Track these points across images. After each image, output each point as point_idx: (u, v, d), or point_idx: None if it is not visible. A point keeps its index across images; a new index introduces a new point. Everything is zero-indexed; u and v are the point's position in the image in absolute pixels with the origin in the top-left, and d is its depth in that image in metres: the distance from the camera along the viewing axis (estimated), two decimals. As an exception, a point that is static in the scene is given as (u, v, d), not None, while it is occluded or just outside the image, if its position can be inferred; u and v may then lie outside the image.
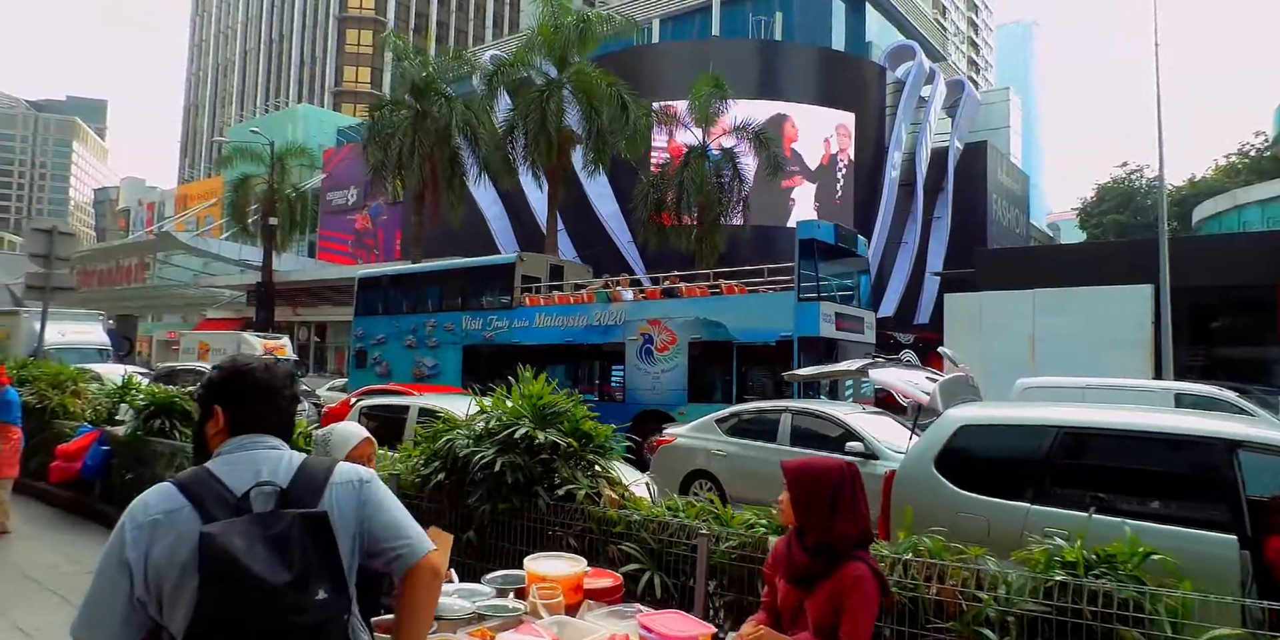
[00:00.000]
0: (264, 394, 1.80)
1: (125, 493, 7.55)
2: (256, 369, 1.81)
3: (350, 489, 1.76)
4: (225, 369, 1.82)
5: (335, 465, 1.79)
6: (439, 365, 15.92)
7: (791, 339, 11.74)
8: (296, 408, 1.91)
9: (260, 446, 1.75)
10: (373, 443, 2.82)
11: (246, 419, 1.77)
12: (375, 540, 1.75)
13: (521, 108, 24.34)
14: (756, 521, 3.96)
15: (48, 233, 10.52)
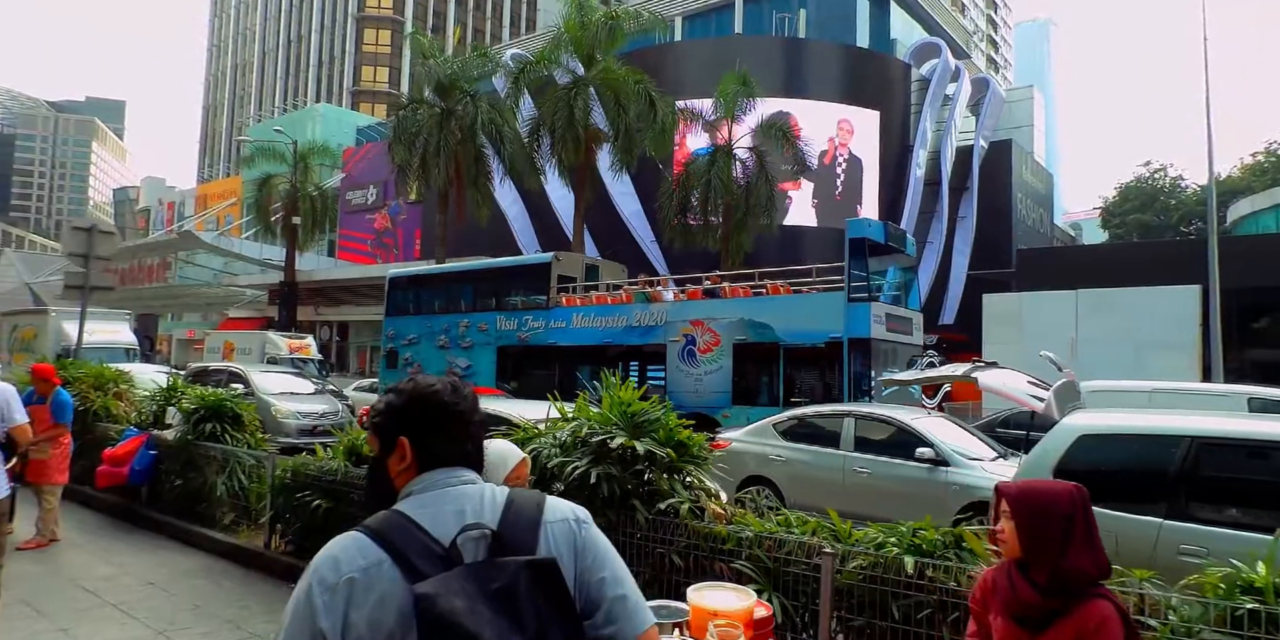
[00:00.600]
0: (454, 420, 1.51)
1: (174, 499, 7.34)
2: (443, 391, 1.52)
3: (567, 530, 1.47)
4: (406, 392, 1.52)
5: (544, 499, 1.50)
6: (473, 366, 15.68)
7: (841, 340, 11.43)
8: (485, 433, 1.62)
9: (457, 481, 1.46)
10: (528, 463, 2.51)
11: (437, 450, 1.49)
12: (592, 599, 1.43)
13: (549, 105, 24.10)
14: (886, 540, 3.66)
15: (87, 231, 10.32)
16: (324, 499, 5.76)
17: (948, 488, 7.61)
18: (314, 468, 5.99)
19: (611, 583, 1.45)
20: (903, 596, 3.49)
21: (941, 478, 7.65)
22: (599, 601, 1.43)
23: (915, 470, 7.76)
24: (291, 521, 6.09)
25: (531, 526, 1.43)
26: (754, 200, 25.42)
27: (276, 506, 6.18)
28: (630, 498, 4.32)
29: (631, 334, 13.59)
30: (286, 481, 6.16)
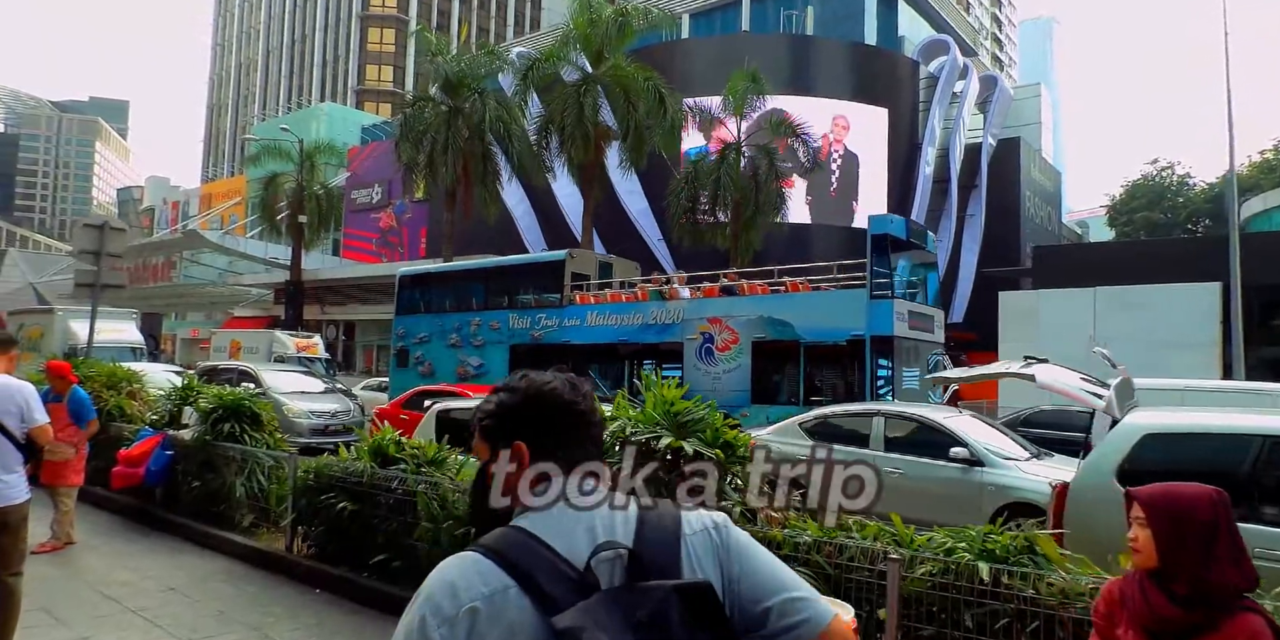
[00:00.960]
0: (576, 421, 1.32)
1: (191, 501, 7.16)
2: (561, 390, 1.32)
3: (707, 540, 1.27)
4: (521, 390, 1.33)
5: (679, 512, 1.31)
6: (485, 365, 15.51)
7: (864, 338, 11.24)
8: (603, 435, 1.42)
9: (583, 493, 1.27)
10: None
11: (560, 457, 1.29)
12: (751, 602, 1.24)
13: (558, 103, 23.93)
14: (955, 545, 3.48)
15: (99, 228, 10.15)
16: (349, 501, 5.58)
17: (983, 488, 7.43)
18: (338, 469, 5.81)
19: (771, 579, 1.26)
20: (976, 605, 3.30)
21: (977, 478, 7.47)
22: (762, 600, 1.24)
23: (949, 470, 7.57)
24: (314, 524, 5.91)
25: (670, 543, 1.23)
26: (764, 197, 25.26)
27: (299, 509, 6.00)
28: (677, 500, 4.13)
29: (647, 332, 13.41)
30: (309, 483, 5.98)
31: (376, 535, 5.47)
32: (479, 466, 1.35)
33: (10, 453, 3.89)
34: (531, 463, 1.27)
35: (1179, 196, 60.46)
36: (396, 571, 5.27)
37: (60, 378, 6.34)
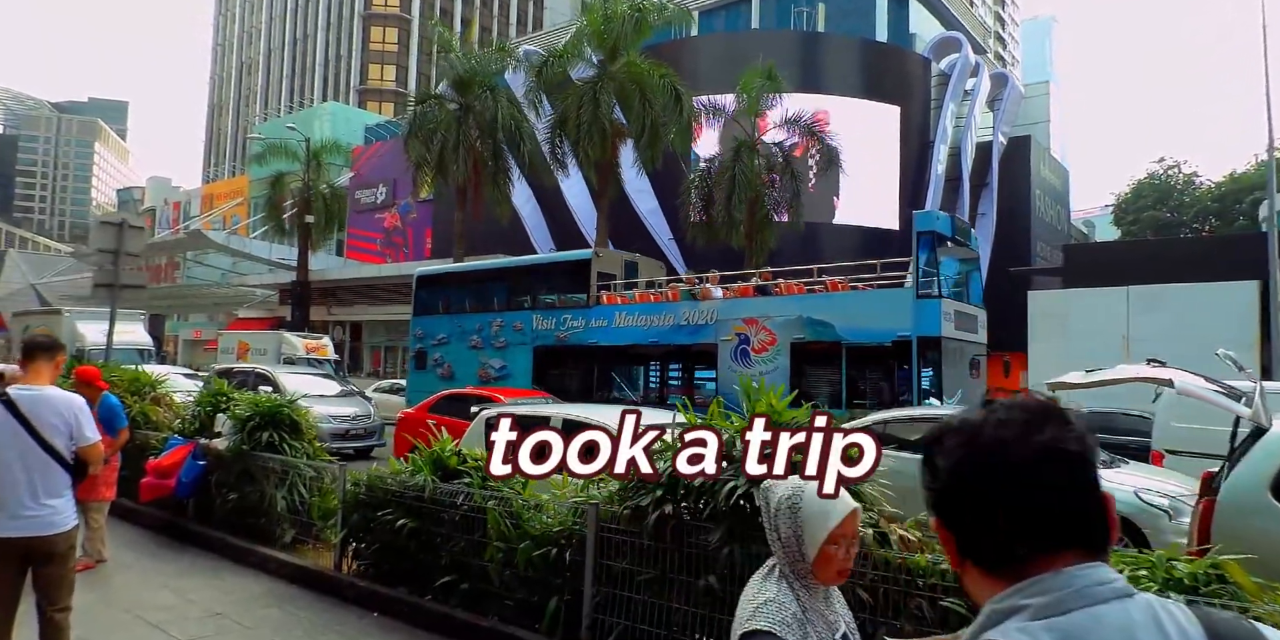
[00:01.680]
0: (1077, 475, 0.89)
1: (227, 514, 6.74)
2: (1059, 434, 0.90)
3: None
4: (990, 439, 0.90)
5: (1255, 626, 0.88)
6: (507, 367, 15.09)
7: (910, 339, 10.84)
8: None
9: (1109, 591, 0.85)
10: (859, 515, 1.82)
11: (1051, 527, 0.88)
12: None
13: (573, 100, 23.54)
14: (1134, 573, 3.07)
15: (117, 226, 9.72)
16: (408, 518, 5.17)
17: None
18: (394, 482, 5.40)
19: None
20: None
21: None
22: None
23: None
24: (367, 541, 5.49)
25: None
26: (780, 196, 24.93)
27: (351, 524, 5.58)
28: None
29: (679, 333, 12.99)
30: (360, 497, 5.57)
31: (439, 555, 5.06)
32: (945, 531, 0.93)
33: (57, 475, 3.49)
34: (1011, 533, 0.86)
35: (1185, 195, 60.11)
36: (464, 594, 4.86)
37: (89, 384, 5.93)
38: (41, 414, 3.43)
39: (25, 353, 3.65)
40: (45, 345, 3.68)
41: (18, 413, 3.39)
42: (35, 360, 3.65)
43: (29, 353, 3.65)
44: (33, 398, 3.46)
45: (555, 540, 4.54)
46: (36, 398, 3.48)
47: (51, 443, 3.45)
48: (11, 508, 3.35)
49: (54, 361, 3.74)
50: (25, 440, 3.38)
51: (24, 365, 3.66)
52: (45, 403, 3.49)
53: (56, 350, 3.76)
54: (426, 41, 69.20)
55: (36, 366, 3.63)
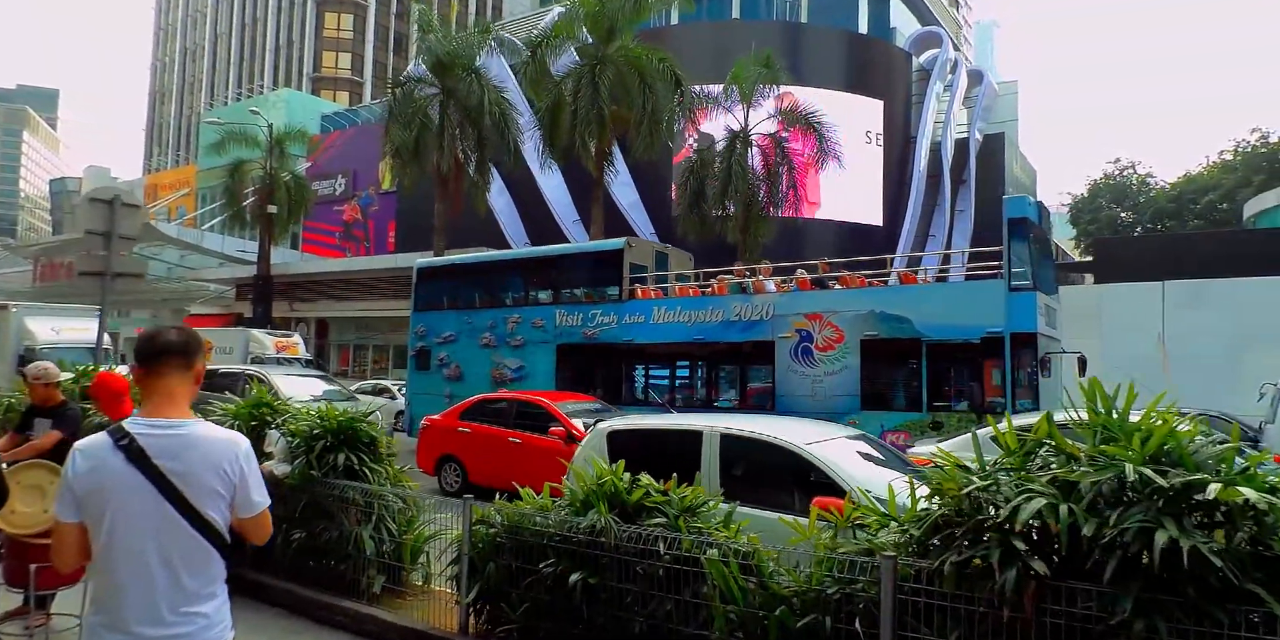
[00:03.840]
0: None
1: (292, 557, 5.37)
2: None
3: None
4: None
5: None
6: (525, 367, 13.76)
7: (1002, 336, 9.86)
8: None
9: None
10: None
11: None
12: None
13: (570, 84, 22.23)
14: None
15: (108, 204, 8.17)
16: (582, 571, 3.93)
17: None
18: (552, 523, 4.13)
19: None
20: None
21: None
22: None
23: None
24: (513, 600, 4.22)
25: None
26: (774, 189, 24.10)
27: (487, 576, 4.30)
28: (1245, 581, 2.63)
29: (730, 330, 11.84)
30: (499, 540, 4.30)
31: (630, 620, 3.82)
32: None
33: (208, 559, 2.14)
34: None
35: (1141, 196, 61.23)
36: (677, 678, 3.64)
37: (114, 397, 4.51)
38: (192, 469, 2.10)
39: (145, 358, 2.17)
40: (178, 346, 2.20)
41: (152, 468, 2.05)
42: (164, 372, 2.18)
43: (152, 358, 2.17)
44: (176, 442, 2.10)
45: (825, 604, 3.36)
46: (181, 442, 2.11)
47: (206, 515, 2.11)
48: (142, 623, 2.03)
49: (193, 373, 2.25)
50: (166, 512, 2.06)
51: (144, 380, 2.18)
52: (195, 449, 2.12)
53: (195, 355, 2.26)
54: (383, 29, 66.94)
55: (166, 383, 2.17)
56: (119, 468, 2.03)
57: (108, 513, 2.02)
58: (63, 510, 2.07)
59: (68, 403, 5.08)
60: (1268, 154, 52.46)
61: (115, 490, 2.03)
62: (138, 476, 2.03)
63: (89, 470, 2.04)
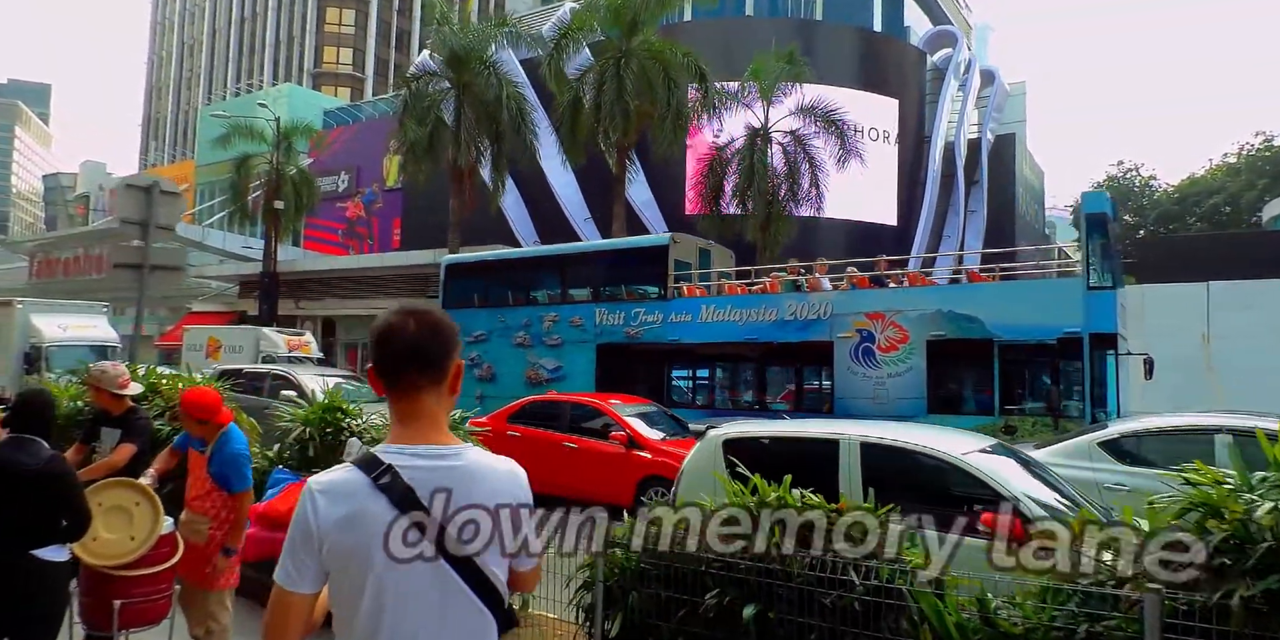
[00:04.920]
0: None
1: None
2: None
3: None
4: None
5: None
6: (562, 368, 13.22)
7: (1080, 336, 9.39)
8: None
9: None
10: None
11: None
12: None
13: (593, 78, 21.73)
14: None
15: (145, 191, 7.60)
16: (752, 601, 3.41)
17: None
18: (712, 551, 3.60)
19: None
20: None
21: None
22: None
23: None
24: (663, 633, 3.70)
25: None
26: (794, 187, 23.75)
27: (631, 607, 3.78)
28: None
29: (785, 330, 11.34)
30: (639, 565, 3.78)
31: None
32: None
33: (480, 624, 1.56)
34: None
35: (1144, 198, 61.13)
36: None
37: (207, 413, 3.95)
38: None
39: (391, 367, 1.58)
40: (434, 350, 1.59)
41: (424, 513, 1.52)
42: (421, 385, 1.60)
43: (399, 367, 1.58)
44: (452, 477, 1.55)
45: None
46: (459, 475, 1.55)
47: (490, 575, 1.56)
48: None
49: (444, 385, 1.63)
50: (445, 576, 1.52)
51: (400, 398, 1.59)
52: (478, 486, 1.56)
53: (452, 354, 1.64)
54: (385, 25, 66.27)
55: (423, 400, 1.60)
56: (383, 516, 1.48)
57: (369, 581, 1.47)
58: (295, 577, 1.52)
59: (137, 409, 4.51)
60: (1272, 157, 52.34)
61: (381, 549, 1.48)
62: (415, 533, 1.50)
63: (344, 521, 1.48)
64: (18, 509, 2.87)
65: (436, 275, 29.95)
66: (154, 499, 3.58)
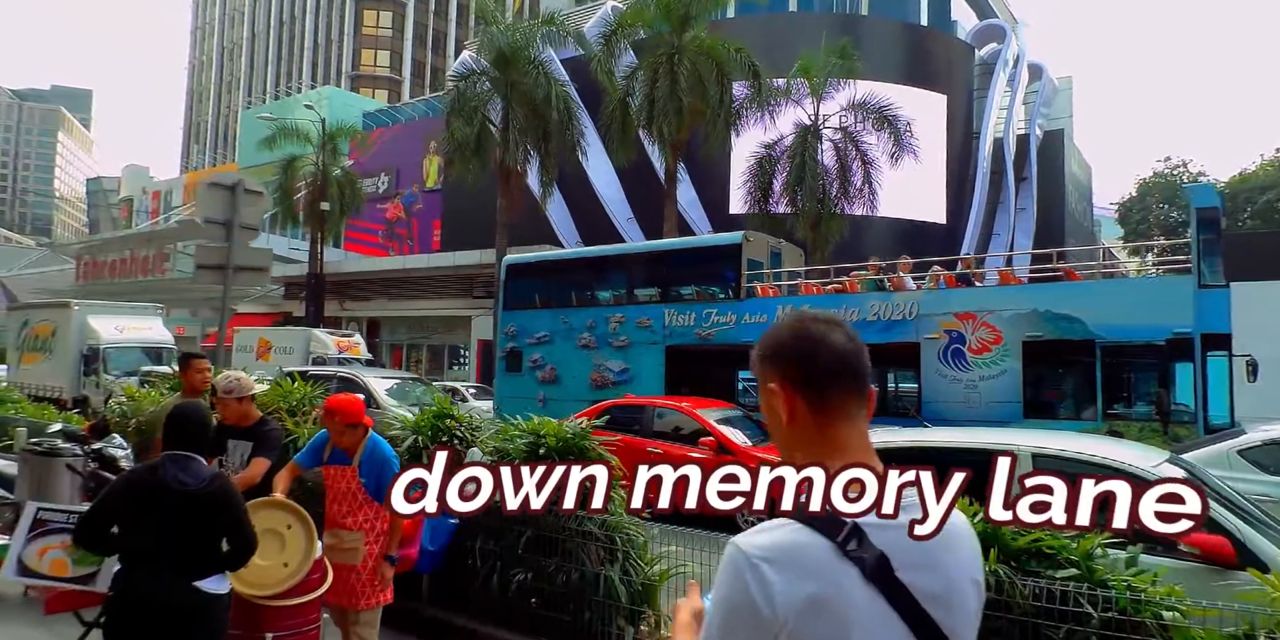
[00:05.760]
0: None
1: (510, 602, 4.50)
2: None
3: None
4: None
5: None
6: (629, 370, 12.88)
7: (1191, 337, 8.88)
8: None
9: None
10: None
11: None
12: None
13: (646, 73, 21.39)
14: None
15: (229, 190, 7.39)
16: None
17: None
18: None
19: None
20: None
21: None
22: None
23: None
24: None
25: None
26: (845, 185, 23.31)
27: None
28: None
29: (867, 331, 10.89)
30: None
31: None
32: None
33: None
34: None
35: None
36: None
37: (356, 416, 3.68)
38: (954, 589, 1.16)
39: (824, 382, 1.22)
40: (863, 363, 1.26)
41: (905, 596, 1.10)
42: (856, 405, 1.24)
43: (834, 382, 1.23)
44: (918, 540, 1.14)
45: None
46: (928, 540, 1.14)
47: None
48: None
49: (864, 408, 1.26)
50: None
51: (833, 420, 1.22)
52: (954, 551, 1.18)
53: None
54: (422, 27, 66.53)
55: (856, 423, 1.24)
56: (861, 597, 1.09)
57: None
58: None
59: (268, 419, 4.23)
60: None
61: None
62: (886, 613, 1.10)
63: (812, 604, 1.07)
64: (181, 535, 2.58)
65: (482, 276, 29.96)
66: (307, 520, 3.29)
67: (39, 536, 3.11)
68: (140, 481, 2.67)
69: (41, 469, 4.49)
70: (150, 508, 2.60)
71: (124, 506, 2.64)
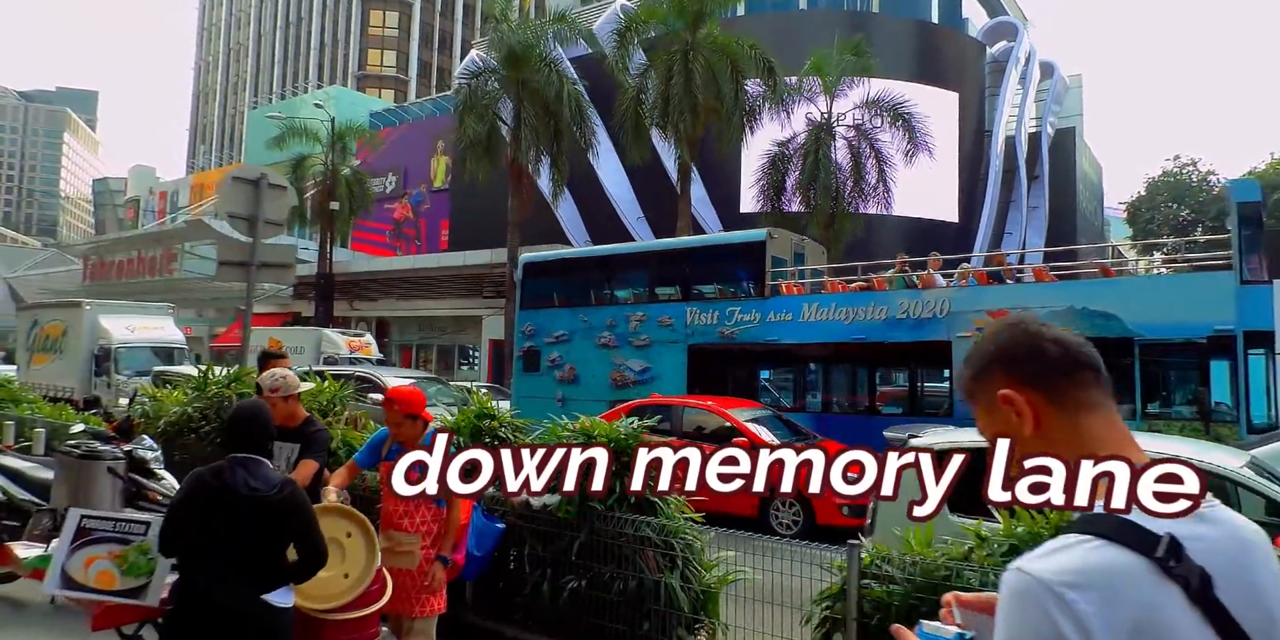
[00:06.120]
0: None
1: (560, 609, 4.31)
2: None
3: None
4: None
5: None
6: (650, 369, 12.69)
7: (1233, 335, 8.67)
8: None
9: None
10: None
11: None
12: None
13: (660, 70, 21.22)
14: None
15: (253, 184, 7.20)
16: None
17: None
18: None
19: None
20: None
21: None
22: None
23: None
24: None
25: None
26: (859, 183, 23.18)
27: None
28: None
29: (897, 329, 10.70)
30: (911, 601, 3.23)
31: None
32: None
33: None
34: None
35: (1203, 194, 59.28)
36: None
37: (418, 407, 3.52)
38: (1275, 612, 0.97)
39: (1064, 371, 1.10)
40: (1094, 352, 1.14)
41: (1226, 618, 0.91)
42: (1102, 392, 1.11)
43: (1075, 369, 1.10)
44: (1234, 551, 0.99)
45: None
46: (1237, 550, 0.99)
47: None
48: None
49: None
50: None
51: (1088, 410, 1.08)
52: (1259, 572, 0.98)
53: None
54: (428, 27, 66.41)
55: (1113, 413, 1.11)
56: (1183, 624, 0.91)
57: None
58: None
59: (314, 420, 4.05)
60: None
61: None
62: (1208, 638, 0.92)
63: (1135, 632, 0.90)
64: (251, 543, 2.39)
65: (492, 276, 29.81)
66: (368, 529, 3.11)
67: (83, 546, 2.93)
68: (206, 486, 2.49)
69: (80, 473, 4.31)
70: (219, 513, 2.42)
71: (190, 513, 2.46)
